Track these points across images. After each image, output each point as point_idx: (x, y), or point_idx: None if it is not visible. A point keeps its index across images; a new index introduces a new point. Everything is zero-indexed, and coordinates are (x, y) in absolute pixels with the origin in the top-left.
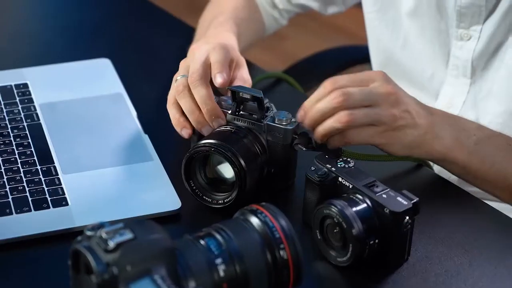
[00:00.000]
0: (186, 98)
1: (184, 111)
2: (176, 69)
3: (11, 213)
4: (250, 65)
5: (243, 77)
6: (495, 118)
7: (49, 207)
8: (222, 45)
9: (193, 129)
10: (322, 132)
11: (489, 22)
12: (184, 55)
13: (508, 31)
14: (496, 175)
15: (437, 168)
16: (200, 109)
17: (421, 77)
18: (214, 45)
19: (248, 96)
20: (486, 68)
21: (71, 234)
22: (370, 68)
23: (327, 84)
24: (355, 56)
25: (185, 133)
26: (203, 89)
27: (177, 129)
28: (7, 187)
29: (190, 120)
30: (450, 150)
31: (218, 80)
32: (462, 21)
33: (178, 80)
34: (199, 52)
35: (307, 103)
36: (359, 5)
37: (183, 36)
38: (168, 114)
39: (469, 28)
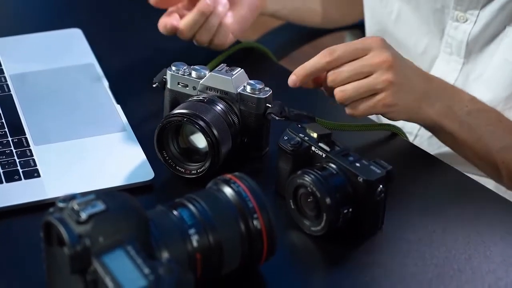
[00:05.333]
0: None
1: None
2: (147, 39)
3: None
4: None
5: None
6: None
7: (20, 179)
8: None
9: None
10: None
11: (488, 9)
12: (156, 24)
13: (505, 20)
14: (481, 148)
15: (411, 138)
16: None
17: (413, 52)
18: None
19: None
20: (481, 52)
21: (43, 206)
22: (342, 38)
23: (322, 57)
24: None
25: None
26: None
27: None
28: None
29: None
30: (441, 118)
31: None
32: (459, 4)
33: None
34: None
35: (299, 70)
36: None
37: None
38: (140, 85)
39: (466, 11)
